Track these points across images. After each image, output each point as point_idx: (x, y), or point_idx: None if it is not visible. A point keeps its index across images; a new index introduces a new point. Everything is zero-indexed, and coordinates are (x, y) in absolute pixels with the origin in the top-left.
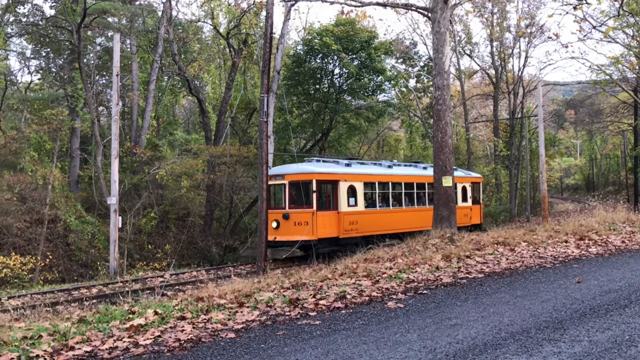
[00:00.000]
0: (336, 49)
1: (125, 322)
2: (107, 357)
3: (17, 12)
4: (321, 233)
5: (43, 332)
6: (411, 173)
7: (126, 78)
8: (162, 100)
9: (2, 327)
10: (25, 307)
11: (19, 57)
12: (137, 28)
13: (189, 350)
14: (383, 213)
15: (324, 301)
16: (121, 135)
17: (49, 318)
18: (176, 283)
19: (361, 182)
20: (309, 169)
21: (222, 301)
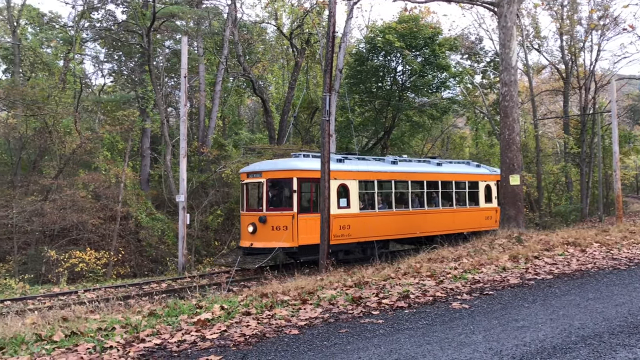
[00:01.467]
0: (399, 46)
1: (193, 317)
2: (175, 350)
3: (91, 18)
4: (304, 239)
5: (116, 324)
6: (421, 170)
7: (193, 80)
8: (227, 100)
9: (79, 318)
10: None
11: (94, 61)
12: (203, 30)
13: (254, 346)
14: (384, 216)
15: (387, 300)
16: (189, 135)
17: (121, 311)
18: (241, 279)
19: (355, 180)
20: (289, 164)
21: (285, 298)
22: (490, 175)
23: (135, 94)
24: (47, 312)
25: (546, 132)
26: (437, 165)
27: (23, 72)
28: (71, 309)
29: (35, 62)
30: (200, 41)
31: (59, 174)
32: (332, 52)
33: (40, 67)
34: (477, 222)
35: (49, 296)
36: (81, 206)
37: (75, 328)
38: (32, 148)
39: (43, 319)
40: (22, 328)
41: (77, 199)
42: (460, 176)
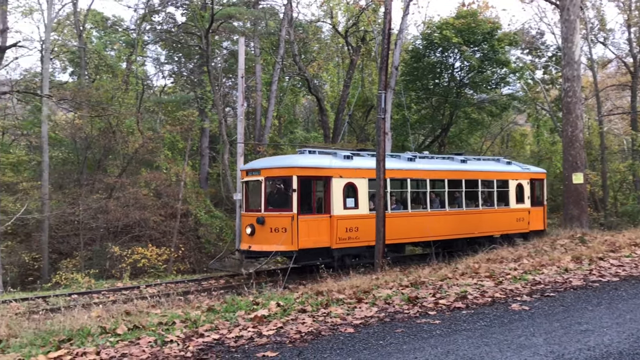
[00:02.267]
0: (457, 42)
1: (249, 313)
2: (233, 346)
3: (152, 21)
4: (305, 242)
5: (176, 319)
6: (442, 168)
7: (250, 80)
8: (283, 100)
9: (141, 312)
10: (161, 295)
11: (154, 62)
12: (260, 31)
13: (310, 343)
14: (397, 217)
15: (444, 300)
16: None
17: (181, 306)
18: (297, 277)
19: (364, 178)
20: (288, 161)
21: (340, 296)
22: (522, 174)
23: (194, 95)
24: (111, 306)
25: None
26: (461, 163)
27: (88, 74)
28: (134, 303)
29: (99, 65)
30: (257, 41)
31: (122, 172)
32: (387, 49)
33: (105, 70)
34: (506, 224)
35: (113, 291)
36: (143, 204)
37: (138, 322)
38: (97, 148)
39: (107, 312)
40: (88, 321)
41: (140, 197)
42: (487, 174)
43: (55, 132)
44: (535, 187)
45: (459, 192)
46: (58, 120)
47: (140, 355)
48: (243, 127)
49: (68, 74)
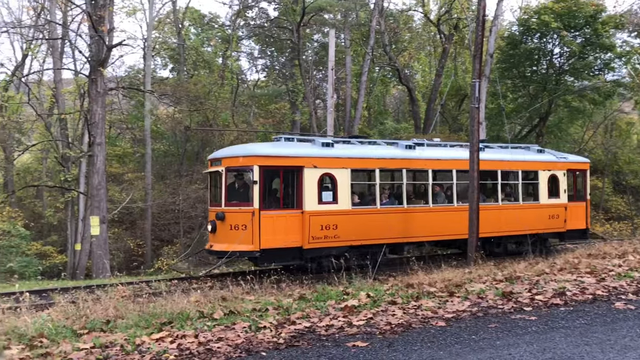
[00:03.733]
0: (556, 27)
1: (340, 302)
2: (324, 334)
3: (246, 16)
4: (268, 242)
5: (269, 305)
6: (447, 156)
7: (340, 71)
8: (373, 90)
9: (236, 298)
10: (255, 283)
11: (248, 57)
12: (350, 22)
13: (400, 335)
14: (390, 214)
15: (541, 296)
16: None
17: (274, 293)
18: (387, 268)
19: (346, 169)
20: (248, 149)
21: (432, 289)
22: (557, 163)
23: (286, 88)
24: (208, 291)
25: None
26: None
27: (187, 70)
28: (229, 289)
29: (197, 61)
30: (347, 33)
31: None
32: (482, 36)
33: (202, 65)
34: (535, 222)
35: (210, 277)
36: None
37: (233, 307)
38: (196, 140)
39: (205, 297)
40: (187, 305)
41: None
42: (509, 164)
43: (157, 126)
44: (576, 179)
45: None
46: (160, 115)
47: (235, 339)
48: (333, 119)
49: (168, 70)
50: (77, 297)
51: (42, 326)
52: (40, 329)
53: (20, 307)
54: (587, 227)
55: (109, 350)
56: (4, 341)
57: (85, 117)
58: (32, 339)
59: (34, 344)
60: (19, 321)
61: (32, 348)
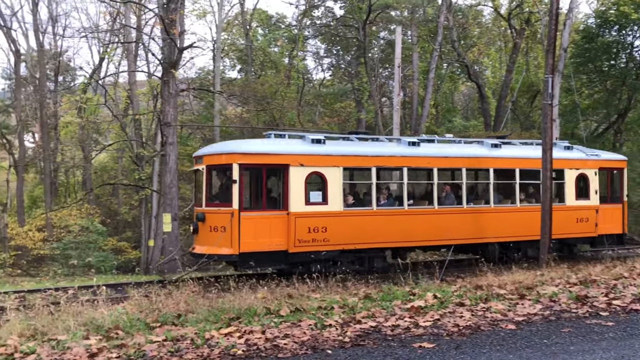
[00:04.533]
0: (636, 18)
1: (406, 303)
2: (390, 334)
3: (312, 16)
4: (249, 245)
5: (334, 304)
6: (457, 154)
7: (407, 69)
8: (441, 88)
9: (302, 296)
10: (320, 281)
11: (314, 56)
12: (417, 19)
13: (468, 337)
14: (387, 216)
15: (619, 301)
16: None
17: (339, 292)
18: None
19: (337, 167)
20: (228, 147)
21: (501, 291)
22: (587, 161)
23: (351, 86)
24: (275, 288)
25: None
26: (491, 148)
27: (254, 70)
28: (295, 287)
29: (264, 61)
30: (414, 29)
31: None
32: (555, 30)
33: (269, 65)
34: (561, 226)
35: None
36: None
37: (299, 305)
38: None
39: (271, 294)
40: (255, 301)
41: None
42: (529, 162)
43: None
44: (611, 178)
45: (486, 184)
46: (228, 115)
47: (301, 337)
48: (399, 117)
49: (236, 71)
50: (150, 291)
51: (117, 318)
52: (116, 321)
53: (98, 300)
54: (623, 232)
55: (180, 343)
56: (83, 332)
57: (158, 118)
58: (109, 331)
59: (110, 335)
60: (96, 313)
61: (109, 339)
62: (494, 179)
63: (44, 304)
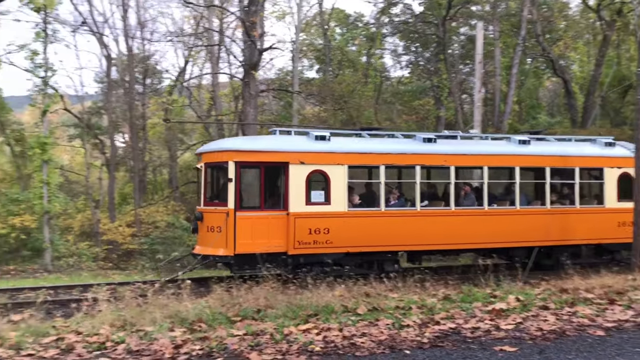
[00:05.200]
0: None
1: (486, 305)
2: (469, 336)
3: (390, 13)
4: (245, 246)
5: (412, 304)
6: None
7: (488, 64)
8: (524, 83)
9: (379, 295)
10: (398, 280)
11: (392, 54)
12: (499, 13)
13: (552, 342)
14: (397, 217)
15: None
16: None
17: (417, 292)
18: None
19: (341, 165)
20: (224, 144)
21: (589, 295)
22: (629, 159)
23: (430, 83)
24: (352, 286)
25: None
26: (519, 144)
27: (332, 70)
28: (372, 286)
29: (342, 60)
30: (496, 24)
31: None
32: None
33: (346, 64)
34: (597, 230)
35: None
36: None
37: (376, 304)
38: None
39: (349, 292)
40: (332, 299)
41: None
42: (561, 160)
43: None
44: None
45: (511, 184)
46: (306, 114)
47: (379, 336)
48: (480, 114)
49: (314, 70)
50: (232, 286)
51: (200, 312)
52: (199, 315)
53: (182, 293)
54: None
55: (260, 337)
56: (168, 324)
57: (239, 118)
58: (192, 323)
59: (193, 328)
60: (181, 306)
61: (192, 331)
62: (520, 179)
63: (132, 296)
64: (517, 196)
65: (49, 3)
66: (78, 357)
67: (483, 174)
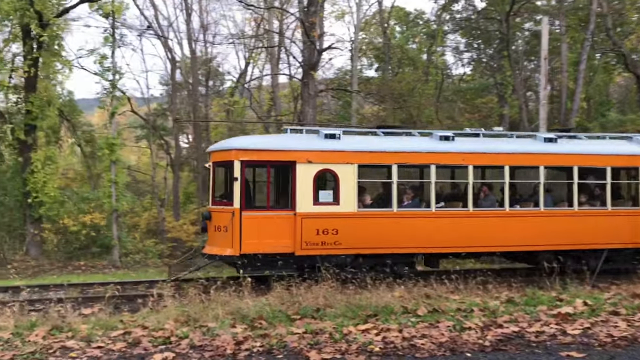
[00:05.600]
0: None
1: (552, 309)
2: (533, 340)
3: (451, 10)
4: (251, 246)
5: (474, 306)
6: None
7: (554, 60)
8: (593, 79)
9: (440, 297)
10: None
11: (454, 51)
12: (566, 7)
13: (623, 349)
14: (409, 218)
15: None
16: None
17: (479, 295)
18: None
19: (351, 164)
20: (230, 143)
21: None
22: None
23: (493, 81)
24: (412, 288)
25: None
26: (544, 142)
27: (392, 68)
28: (433, 287)
29: (402, 59)
30: (562, 19)
31: None
32: None
33: (406, 63)
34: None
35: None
36: None
37: (437, 306)
38: None
39: (409, 293)
40: (391, 300)
41: None
42: (590, 159)
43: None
44: None
45: (534, 184)
46: (365, 113)
47: (439, 338)
48: (546, 112)
49: (374, 69)
50: (291, 285)
51: (261, 309)
52: (260, 312)
53: (243, 291)
54: None
55: (319, 336)
56: (230, 320)
57: (298, 118)
58: (253, 320)
59: (254, 325)
60: (242, 303)
61: (253, 328)
62: (544, 179)
63: (196, 293)
64: (542, 197)
65: (117, 9)
66: (144, 351)
67: (504, 174)
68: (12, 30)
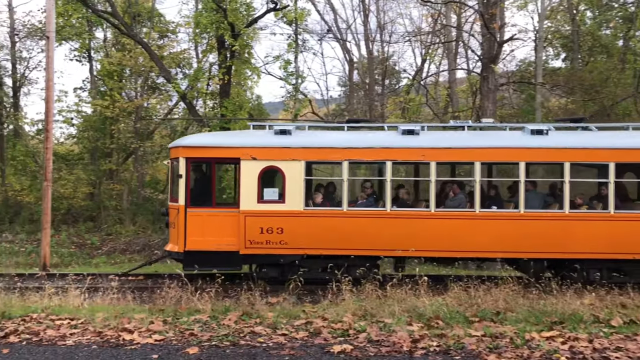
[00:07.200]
0: None
1: None
2: None
3: None
4: (195, 243)
5: None
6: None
7: None
8: None
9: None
10: None
11: None
12: None
13: None
14: (364, 218)
15: None
16: None
17: None
18: None
19: (299, 161)
20: (180, 140)
21: None
22: None
23: None
24: (605, 295)
25: None
26: (530, 135)
27: (581, 57)
28: (630, 296)
29: (593, 46)
30: None
31: None
32: None
33: (599, 51)
34: None
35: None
36: None
37: (634, 316)
38: None
39: (600, 301)
40: (580, 307)
41: None
42: (585, 153)
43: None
44: None
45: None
46: (551, 107)
47: (637, 352)
48: None
49: (560, 59)
50: (469, 286)
51: (438, 309)
52: (436, 312)
53: (419, 289)
54: None
55: (499, 340)
56: (406, 317)
57: (476, 114)
58: (429, 320)
59: (430, 324)
60: (418, 302)
61: (429, 328)
62: (525, 177)
63: (372, 289)
64: (522, 198)
65: (300, 15)
66: (324, 341)
67: (475, 172)
68: (209, 42)
